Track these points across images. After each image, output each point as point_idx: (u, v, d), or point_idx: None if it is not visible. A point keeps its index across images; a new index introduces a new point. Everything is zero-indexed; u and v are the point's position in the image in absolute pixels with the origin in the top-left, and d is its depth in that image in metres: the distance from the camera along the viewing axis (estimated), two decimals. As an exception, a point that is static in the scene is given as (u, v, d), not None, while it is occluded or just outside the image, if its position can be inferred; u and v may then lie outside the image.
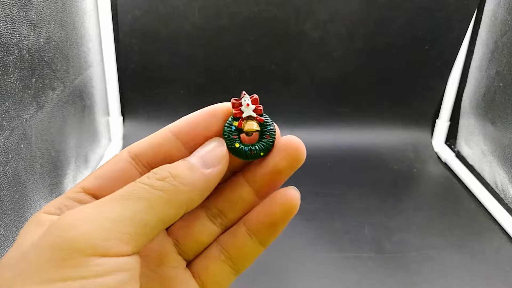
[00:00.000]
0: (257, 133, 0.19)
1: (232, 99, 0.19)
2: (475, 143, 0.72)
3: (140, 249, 0.15)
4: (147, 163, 0.19)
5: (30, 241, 0.15)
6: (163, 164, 0.18)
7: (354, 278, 0.49)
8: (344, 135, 0.80)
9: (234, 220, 0.20)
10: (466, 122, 0.76)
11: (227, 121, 0.19)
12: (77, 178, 0.59)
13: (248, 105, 0.19)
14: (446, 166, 0.75)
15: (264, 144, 0.19)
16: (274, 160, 0.19)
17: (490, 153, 0.67)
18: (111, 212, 0.15)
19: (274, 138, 0.19)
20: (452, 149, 0.79)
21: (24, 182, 0.41)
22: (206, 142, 0.18)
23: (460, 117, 0.78)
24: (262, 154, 0.19)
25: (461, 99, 0.78)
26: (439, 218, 0.60)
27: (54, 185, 0.50)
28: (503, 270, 0.51)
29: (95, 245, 0.14)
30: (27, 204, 0.42)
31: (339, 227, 0.57)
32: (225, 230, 0.20)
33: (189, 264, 0.20)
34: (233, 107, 0.19)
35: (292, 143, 0.19)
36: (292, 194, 0.19)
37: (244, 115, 0.19)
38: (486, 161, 0.69)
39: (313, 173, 0.71)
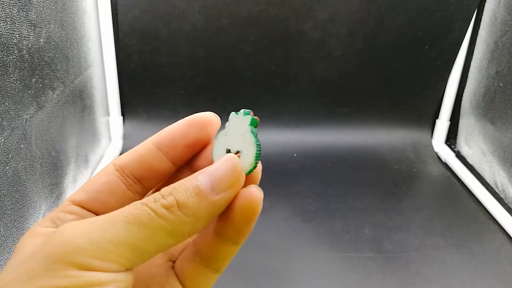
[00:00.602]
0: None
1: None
2: (475, 143, 0.72)
3: (133, 268, 0.16)
4: (131, 174, 0.19)
5: (26, 252, 0.16)
6: (147, 174, 0.19)
7: (354, 278, 0.49)
8: (344, 135, 0.80)
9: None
10: (466, 122, 0.76)
11: (216, 135, 0.19)
12: (77, 178, 0.59)
13: None
14: (446, 166, 0.75)
15: (251, 164, 0.18)
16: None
17: (490, 153, 0.67)
18: (113, 235, 0.15)
19: (258, 155, 0.18)
20: (452, 149, 0.79)
21: (24, 182, 0.41)
22: (221, 158, 0.17)
23: (460, 117, 0.78)
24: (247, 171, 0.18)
25: (461, 99, 0.78)
26: (439, 218, 0.60)
27: (54, 185, 0.50)
28: (503, 270, 0.51)
29: (90, 263, 0.14)
30: (27, 204, 0.42)
31: (339, 227, 0.57)
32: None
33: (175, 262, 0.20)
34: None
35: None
36: (252, 195, 0.17)
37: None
38: (486, 161, 0.69)
39: (313, 173, 0.71)
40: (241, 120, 0.19)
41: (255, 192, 0.17)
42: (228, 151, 0.19)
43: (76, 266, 0.14)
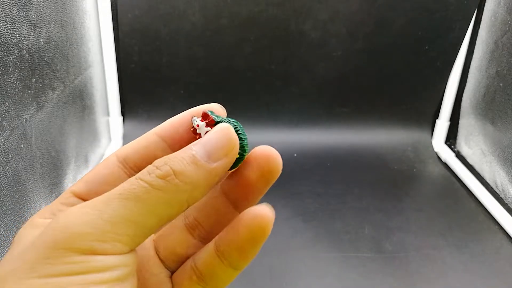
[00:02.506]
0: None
1: (190, 129, 0.18)
2: (475, 143, 0.72)
3: (137, 245, 0.15)
4: (134, 165, 0.19)
5: (26, 243, 0.15)
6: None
7: (354, 278, 0.49)
8: (344, 135, 0.80)
9: (212, 232, 0.19)
10: (466, 122, 0.76)
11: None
12: (77, 178, 0.59)
13: (198, 126, 0.18)
14: (446, 166, 0.75)
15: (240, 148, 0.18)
16: (245, 171, 0.18)
17: (490, 153, 0.67)
18: (109, 213, 0.14)
19: (242, 155, 0.18)
20: (452, 149, 0.79)
21: (24, 182, 0.41)
22: (214, 127, 0.17)
23: (460, 117, 0.78)
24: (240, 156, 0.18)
25: (461, 99, 0.78)
26: (439, 218, 0.60)
27: (54, 185, 0.50)
28: (503, 270, 0.51)
29: (92, 246, 0.14)
30: (27, 204, 0.42)
31: (339, 227, 0.57)
32: (205, 242, 0.19)
33: (173, 273, 0.20)
34: (193, 133, 0.18)
35: (263, 153, 0.17)
36: (263, 214, 0.16)
37: (202, 134, 0.18)
38: (486, 161, 0.69)
39: (313, 173, 0.71)
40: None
41: (266, 211, 0.16)
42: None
43: (77, 251, 0.14)
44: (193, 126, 0.18)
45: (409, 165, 0.75)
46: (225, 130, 0.16)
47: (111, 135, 0.76)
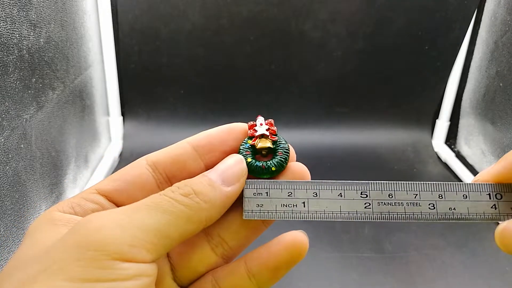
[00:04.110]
0: (271, 152, 0.20)
1: (249, 122, 0.20)
2: (475, 143, 0.72)
3: (158, 258, 0.16)
4: (164, 171, 0.19)
5: (46, 239, 0.16)
6: (179, 173, 0.19)
7: (354, 278, 0.49)
8: (344, 135, 0.80)
9: (236, 248, 0.20)
10: (466, 122, 0.76)
11: (243, 141, 0.20)
12: (77, 178, 0.59)
13: (261, 124, 0.20)
14: (446, 166, 0.75)
15: (277, 160, 0.20)
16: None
17: (490, 153, 0.67)
18: (139, 221, 0.15)
19: (287, 155, 0.20)
20: (452, 149, 0.79)
21: (24, 182, 0.41)
22: (226, 158, 0.19)
23: (460, 117, 0.78)
24: (274, 169, 0.20)
25: (461, 99, 0.78)
26: (439, 218, 0.60)
27: (54, 185, 0.50)
28: (503, 270, 0.51)
29: (122, 250, 0.14)
30: (27, 204, 0.42)
31: (339, 227, 0.57)
32: (226, 260, 0.20)
33: None
34: (249, 128, 0.20)
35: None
36: (301, 237, 0.19)
37: (257, 134, 0.20)
38: (486, 161, 0.69)
39: (313, 173, 0.71)
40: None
41: (303, 237, 0.19)
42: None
43: (107, 254, 0.14)
44: (254, 123, 0.20)
45: (409, 165, 0.75)
46: (239, 161, 0.19)
47: (111, 135, 0.76)
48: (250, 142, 0.20)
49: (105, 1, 0.67)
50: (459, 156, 0.77)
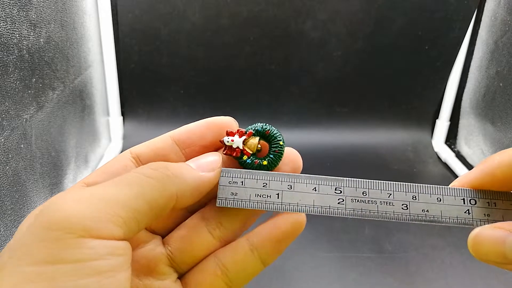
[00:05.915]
0: (266, 148, 0.21)
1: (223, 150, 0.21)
2: (475, 143, 0.72)
3: (131, 235, 0.15)
4: (146, 163, 0.19)
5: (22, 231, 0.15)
6: None
7: (353, 277, 0.49)
8: (344, 135, 0.80)
9: (233, 230, 0.20)
10: (466, 122, 0.76)
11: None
12: (77, 178, 0.59)
13: (233, 140, 0.20)
14: (446, 166, 0.75)
15: (271, 157, 0.21)
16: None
17: (490, 153, 0.67)
18: (102, 193, 0.15)
19: (281, 152, 0.21)
20: (452, 149, 0.79)
21: (24, 182, 0.41)
22: (204, 154, 0.19)
23: (460, 117, 0.78)
24: (265, 163, 0.20)
25: (461, 99, 0.78)
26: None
27: (54, 185, 0.50)
28: (503, 270, 0.51)
29: (86, 226, 0.14)
30: (27, 204, 0.42)
31: (339, 227, 0.57)
32: (223, 243, 0.20)
33: (181, 276, 0.20)
34: (229, 151, 0.20)
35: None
36: (299, 214, 0.20)
37: (234, 146, 0.20)
38: (486, 161, 0.69)
39: (313, 173, 0.71)
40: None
41: (301, 214, 0.20)
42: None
43: (72, 232, 0.14)
44: (226, 145, 0.20)
45: (409, 165, 0.75)
46: (215, 154, 0.20)
47: (111, 135, 0.76)
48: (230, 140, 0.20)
49: (105, 1, 0.67)
50: (459, 156, 0.77)
